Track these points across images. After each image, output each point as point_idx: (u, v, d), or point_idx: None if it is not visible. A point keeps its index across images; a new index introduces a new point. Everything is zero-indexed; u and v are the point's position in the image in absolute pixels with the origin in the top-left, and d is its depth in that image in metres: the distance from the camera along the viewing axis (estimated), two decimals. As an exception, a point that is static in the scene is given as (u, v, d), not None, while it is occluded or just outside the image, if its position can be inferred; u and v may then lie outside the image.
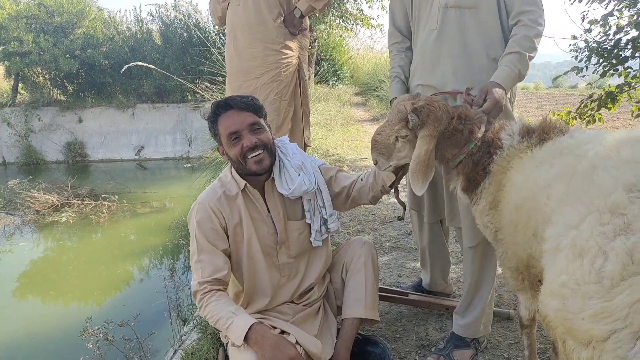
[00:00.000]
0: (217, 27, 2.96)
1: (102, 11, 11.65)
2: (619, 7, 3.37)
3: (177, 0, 10.42)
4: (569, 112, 3.80)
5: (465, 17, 1.74)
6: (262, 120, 1.78)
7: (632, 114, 3.80)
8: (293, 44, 2.62)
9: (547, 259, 1.14)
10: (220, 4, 2.69)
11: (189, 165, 8.94)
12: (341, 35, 12.88)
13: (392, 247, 3.30)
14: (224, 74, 5.69)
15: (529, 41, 1.66)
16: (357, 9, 9.94)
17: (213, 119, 1.76)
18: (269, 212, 1.82)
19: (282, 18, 2.56)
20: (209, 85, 6.16)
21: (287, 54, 2.58)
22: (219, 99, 6.29)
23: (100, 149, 10.32)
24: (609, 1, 3.40)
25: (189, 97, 10.53)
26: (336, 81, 13.80)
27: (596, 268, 0.96)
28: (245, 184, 1.79)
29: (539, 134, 1.44)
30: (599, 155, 1.10)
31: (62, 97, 11.03)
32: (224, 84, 6.01)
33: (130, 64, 5.91)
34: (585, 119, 3.93)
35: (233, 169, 1.82)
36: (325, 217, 1.88)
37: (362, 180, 1.92)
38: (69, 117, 10.41)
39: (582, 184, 1.09)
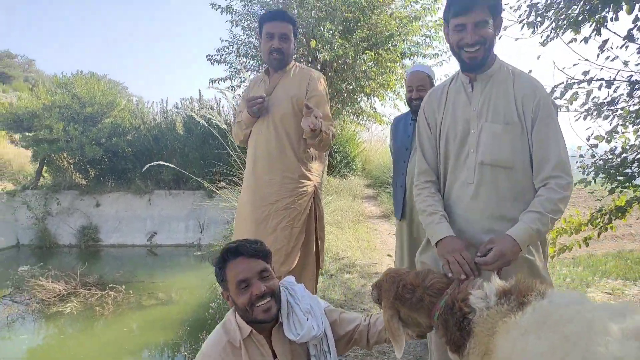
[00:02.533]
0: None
1: (131, 102, 12.39)
2: (625, 122, 3.48)
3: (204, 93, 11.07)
4: (580, 224, 3.77)
5: (502, 175, 1.75)
6: (269, 266, 1.77)
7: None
8: (310, 173, 2.68)
9: None
10: (242, 130, 2.79)
11: (199, 253, 8.93)
12: (354, 130, 13.36)
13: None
14: (240, 175, 5.87)
15: (552, 204, 1.65)
16: (370, 107, 10.38)
17: (221, 265, 1.74)
18: (275, 357, 1.76)
19: (303, 148, 2.64)
20: (225, 185, 6.33)
21: (303, 182, 2.63)
22: (234, 191, 6.49)
23: (114, 233, 10.42)
24: (613, 117, 3.51)
25: (205, 184, 10.81)
26: (348, 172, 14.10)
27: None
28: (251, 330, 1.74)
29: (517, 297, 1.37)
30: (588, 349, 1.07)
31: (83, 181, 11.38)
32: (239, 184, 6.21)
33: (153, 164, 6.15)
34: (597, 226, 3.90)
35: (237, 314, 1.77)
36: None
37: (366, 323, 1.87)
38: (87, 201, 10.66)
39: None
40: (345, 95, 9.12)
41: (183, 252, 9.95)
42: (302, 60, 9.01)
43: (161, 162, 6.08)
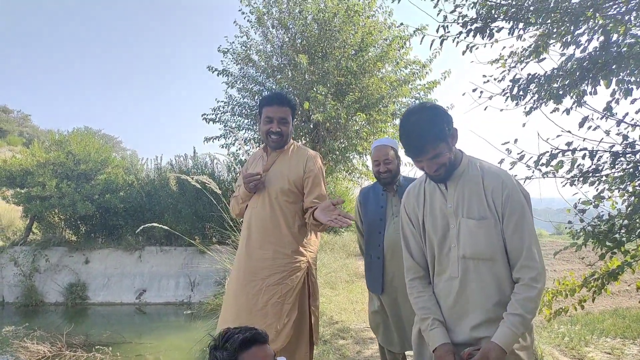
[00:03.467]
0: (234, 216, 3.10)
1: (125, 158, 12.50)
2: (610, 187, 3.59)
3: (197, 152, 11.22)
4: (574, 288, 3.80)
5: (484, 268, 1.84)
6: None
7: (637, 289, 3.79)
8: (304, 249, 2.70)
9: None
10: (239, 205, 2.85)
11: (189, 311, 8.73)
12: (347, 187, 13.51)
13: None
14: (233, 235, 5.88)
15: (531, 302, 1.75)
16: (362, 164, 10.58)
17: (233, 356, 1.64)
18: None
19: (297, 225, 2.68)
20: (218, 247, 6.33)
21: (297, 258, 2.64)
22: (227, 250, 6.46)
23: (102, 291, 10.19)
24: (598, 183, 3.62)
25: (197, 240, 10.75)
26: (341, 228, 14.11)
27: None
28: None
29: None
30: None
31: (74, 238, 11.26)
32: (231, 244, 6.19)
33: (146, 225, 6.15)
34: (590, 289, 3.93)
35: None
36: None
37: None
38: (76, 257, 10.51)
39: None
40: (337, 153, 9.31)
41: (173, 310, 9.71)
42: (296, 120, 9.26)
43: (154, 224, 6.06)
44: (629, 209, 3.05)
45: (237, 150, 9.69)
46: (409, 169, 10.99)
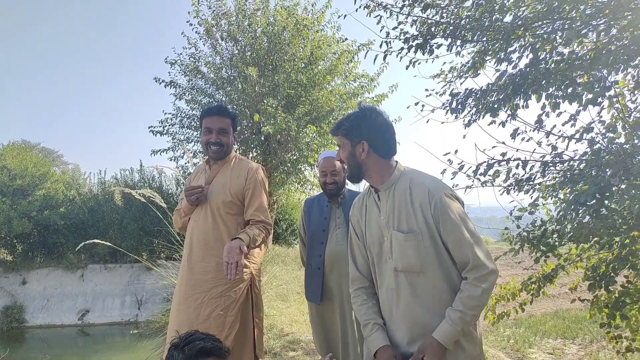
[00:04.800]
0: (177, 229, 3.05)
1: (67, 172, 11.95)
2: (543, 194, 3.81)
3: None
4: (514, 292, 3.99)
5: (415, 280, 1.86)
6: None
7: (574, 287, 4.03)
8: (248, 261, 2.68)
9: None
10: (181, 218, 2.83)
11: (136, 331, 8.39)
12: (299, 198, 13.52)
13: None
14: (181, 250, 5.73)
15: (473, 300, 1.76)
16: (314, 176, 10.64)
17: None
18: None
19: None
20: (165, 263, 6.15)
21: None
22: (174, 267, 6.28)
23: (41, 313, 9.63)
24: (533, 191, 3.84)
25: (144, 256, 10.40)
26: (294, 240, 14.08)
27: None
28: None
29: None
30: None
31: (9, 257, 10.60)
32: (179, 259, 6.02)
33: (87, 242, 5.88)
34: (529, 292, 4.13)
35: None
36: None
37: None
38: (13, 278, 9.91)
39: None
40: (289, 165, 9.33)
41: (118, 330, 9.32)
42: (246, 132, 9.21)
43: (96, 241, 5.80)
44: (560, 214, 3.24)
45: (185, 164, 9.51)
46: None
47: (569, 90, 3.03)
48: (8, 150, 10.98)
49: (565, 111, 3.15)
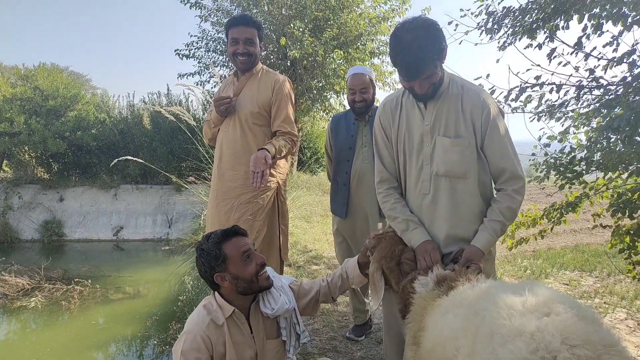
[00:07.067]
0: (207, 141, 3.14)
1: (96, 95, 12.11)
2: (576, 123, 3.72)
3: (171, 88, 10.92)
4: (535, 219, 4.01)
5: (455, 186, 1.89)
6: None
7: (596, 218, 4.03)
8: (274, 170, 2.77)
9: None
10: (211, 128, 2.91)
11: (167, 247, 8.88)
12: (324, 127, 13.49)
13: (363, 357, 3.24)
14: (209, 169, 5.90)
15: (511, 212, 1.85)
16: (339, 104, 10.53)
17: (218, 246, 1.82)
18: (252, 332, 1.91)
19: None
20: (194, 179, 6.34)
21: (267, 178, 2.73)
22: (203, 186, 6.50)
23: (78, 228, 10.21)
24: (565, 119, 3.74)
25: (173, 179, 10.72)
26: (318, 168, 14.24)
27: None
28: (234, 310, 1.87)
29: (448, 283, 1.60)
30: (495, 322, 1.22)
31: (46, 176, 11.08)
32: (208, 178, 6.21)
33: (120, 158, 6.08)
34: (551, 220, 4.16)
35: (217, 296, 1.90)
36: (299, 333, 2.02)
37: (325, 284, 2.11)
38: (51, 195, 10.41)
39: (485, 351, 1.20)
40: (315, 92, 9.23)
41: (151, 246, 9.86)
42: (272, 58, 9.06)
43: (129, 157, 6.01)
44: (591, 141, 3.18)
45: (212, 88, 9.51)
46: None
47: (614, 10, 2.86)
48: (39, 71, 11.12)
49: (607, 31, 2.99)
